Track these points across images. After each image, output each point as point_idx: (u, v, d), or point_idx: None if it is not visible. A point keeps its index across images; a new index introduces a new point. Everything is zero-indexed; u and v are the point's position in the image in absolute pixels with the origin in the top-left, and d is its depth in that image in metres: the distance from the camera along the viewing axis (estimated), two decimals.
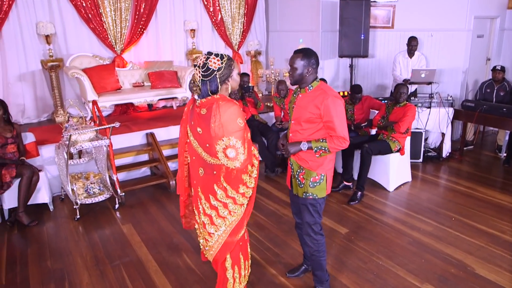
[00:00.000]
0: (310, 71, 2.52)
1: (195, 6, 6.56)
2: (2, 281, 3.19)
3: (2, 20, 5.24)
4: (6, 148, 4.14)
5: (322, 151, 2.55)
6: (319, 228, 2.76)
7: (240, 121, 2.22)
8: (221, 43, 6.91)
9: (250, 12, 6.88)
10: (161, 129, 5.28)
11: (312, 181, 2.64)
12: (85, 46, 5.83)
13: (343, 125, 2.52)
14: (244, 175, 2.34)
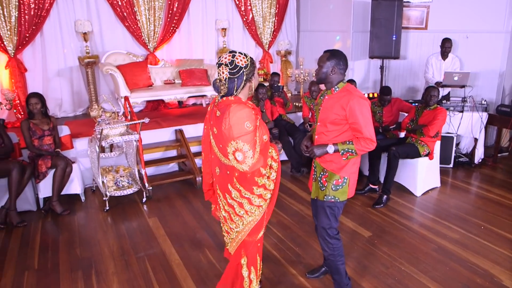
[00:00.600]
0: (335, 71, 2.51)
1: (227, 6, 6.65)
2: (35, 265, 3.37)
3: (43, 18, 5.51)
4: (43, 140, 4.36)
5: (349, 154, 2.53)
6: (335, 233, 2.74)
7: (248, 124, 2.18)
8: (252, 42, 6.97)
9: (281, 11, 6.89)
10: (189, 126, 5.39)
11: (335, 184, 2.62)
12: (120, 43, 6.04)
13: (369, 126, 2.49)
14: (260, 178, 2.35)
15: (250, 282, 2.62)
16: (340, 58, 2.53)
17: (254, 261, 2.59)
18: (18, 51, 5.46)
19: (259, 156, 2.26)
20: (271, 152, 2.38)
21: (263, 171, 2.35)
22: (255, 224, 2.45)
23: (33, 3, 5.37)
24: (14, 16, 5.30)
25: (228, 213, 2.46)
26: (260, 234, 2.53)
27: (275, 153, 2.41)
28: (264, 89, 5.11)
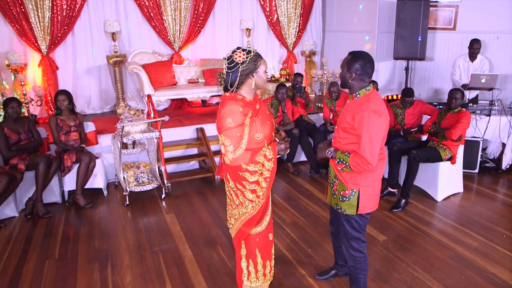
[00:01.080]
0: (354, 77, 2.34)
1: (252, 6, 6.69)
2: (56, 255, 3.53)
3: (75, 18, 5.75)
4: (69, 135, 4.55)
5: (343, 166, 2.37)
6: (359, 245, 2.58)
7: (229, 121, 2.28)
8: (276, 42, 6.98)
9: (306, 12, 6.86)
10: (211, 124, 5.46)
11: (342, 194, 2.49)
12: (146, 43, 6.21)
13: (371, 146, 2.26)
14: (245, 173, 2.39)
15: (248, 274, 2.71)
16: (360, 63, 2.32)
17: (252, 255, 2.67)
18: (51, 50, 5.72)
19: (244, 152, 2.34)
20: (264, 151, 2.39)
21: (250, 167, 2.38)
22: (250, 216, 2.53)
23: (65, 4, 5.61)
24: (48, 17, 5.56)
25: (228, 199, 2.59)
26: (257, 228, 2.60)
27: (269, 152, 2.39)
28: (284, 89, 5.11)
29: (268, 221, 2.65)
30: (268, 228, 2.66)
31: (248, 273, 2.70)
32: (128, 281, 3.14)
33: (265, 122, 2.41)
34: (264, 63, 2.41)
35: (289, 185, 4.94)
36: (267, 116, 2.47)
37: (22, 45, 5.63)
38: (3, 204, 4.12)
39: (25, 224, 4.11)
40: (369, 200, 2.47)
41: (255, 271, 2.70)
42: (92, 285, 3.10)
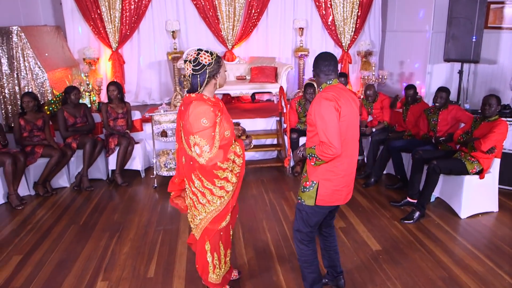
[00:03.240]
0: (317, 75, 2.52)
1: (306, 5, 6.70)
2: (80, 221, 4.13)
3: (140, 18, 6.46)
4: (117, 121, 5.19)
5: (315, 159, 2.43)
6: (304, 238, 2.66)
7: (204, 121, 2.34)
8: (330, 42, 6.88)
9: (364, 11, 6.62)
10: (248, 120, 5.70)
11: (304, 185, 2.56)
12: (202, 41, 6.66)
13: (326, 129, 2.33)
14: (220, 171, 2.49)
15: (214, 267, 2.80)
16: (317, 61, 2.52)
17: (217, 248, 2.76)
18: (119, 46, 6.52)
19: (218, 150, 2.41)
20: (234, 148, 2.50)
21: (223, 165, 2.48)
22: (217, 213, 2.62)
23: (133, 5, 6.34)
24: (118, 17, 6.34)
25: (192, 201, 2.66)
26: (222, 224, 2.68)
27: (239, 149, 2.52)
28: (312, 89, 5.10)
29: (229, 215, 2.73)
30: (228, 222, 2.76)
31: (213, 266, 2.80)
32: (124, 251, 3.56)
33: (228, 119, 2.53)
34: (224, 64, 2.54)
35: None
36: (227, 114, 2.59)
37: (97, 42, 6.53)
38: (57, 175, 4.93)
39: (71, 194, 4.85)
40: (328, 194, 2.52)
41: (219, 262, 2.82)
42: (96, 250, 3.58)
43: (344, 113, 2.38)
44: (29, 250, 3.60)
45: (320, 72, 2.50)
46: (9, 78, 5.34)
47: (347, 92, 2.52)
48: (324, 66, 2.48)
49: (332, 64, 2.49)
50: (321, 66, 2.48)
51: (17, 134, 4.74)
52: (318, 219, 2.63)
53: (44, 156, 4.75)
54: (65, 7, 6.31)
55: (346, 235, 3.74)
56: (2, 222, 4.19)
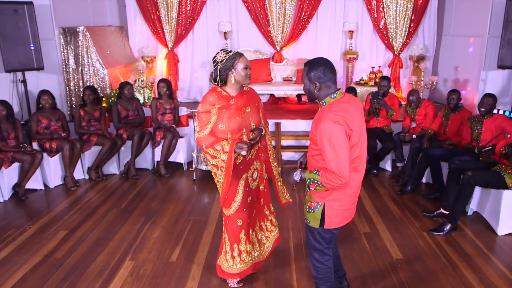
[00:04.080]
0: (318, 87, 2.20)
1: (357, 8, 6.61)
2: (122, 206, 4.51)
3: (195, 19, 6.81)
4: (165, 116, 5.54)
5: (316, 185, 2.24)
6: (321, 256, 2.48)
7: (200, 107, 2.72)
8: (381, 45, 6.71)
9: (418, 14, 6.37)
10: (289, 120, 5.79)
11: (309, 205, 2.39)
12: (252, 42, 6.87)
13: (335, 158, 2.11)
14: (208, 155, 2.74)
15: (225, 252, 2.98)
16: (321, 70, 2.18)
17: (231, 237, 2.92)
18: (175, 45, 6.92)
19: (207, 136, 2.68)
20: (224, 143, 2.63)
21: (209, 151, 2.71)
22: (222, 193, 2.78)
23: (189, 5, 6.70)
24: (174, 19, 6.74)
25: None
26: (228, 210, 2.85)
27: (227, 147, 2.62)
28: (352, 93, 5.06)
29: (236, 207, 2.84)
30: (236, 215, 2.87)
31: (225, 251, 2.99)
32: (154, 236, 3.84)
33: (233, 117, 2.67)
34: (243, 61, 2.66)
35: None
36: (239, 114, 2.70)
37: (155, 41, 6.99)
38: (109, 163, 5.40)
39: (118, 181, 5.29)
40: (336, 215, 2.33)
41: (225, 252, 2.98)
42: (130, 232, 3.91)
43: (355, 133, 2.17)
44: (74, 227, 4.02)
45: (328, 82, 2.19)
46: (75, 73, 5.93)
47: (351, 104, 2.25)
48: (331, 74, 2.21)
49: (333, 73, 2.24)
50: (329, 74, 2.19)
51: (77, 123, 5.27)
52: (332, 236, 2.45)
53: (98, 145, 5.23)
54: (128, 8, 6.85)
55: (368, 241, 3.70)
56: (56, 200, 4.70)
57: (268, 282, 3.14)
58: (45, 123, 5.00)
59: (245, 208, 2.88)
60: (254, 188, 2.96)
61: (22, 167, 4.70)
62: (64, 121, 5.20)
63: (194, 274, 3.22)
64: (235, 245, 2.97)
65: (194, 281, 3.14)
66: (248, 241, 2.99)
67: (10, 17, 4.93)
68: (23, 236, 3.84)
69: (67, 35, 5.78)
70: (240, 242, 2.98)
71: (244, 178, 2.84)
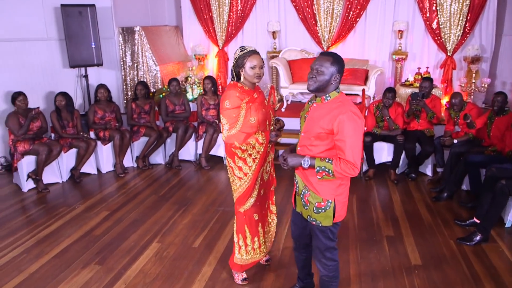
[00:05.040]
0: (337, 79, 2.26)
1: (408, 7, 6.36)
2: (161, 193, 4.85)
3: (245, 19, 7.03)
4: (208, 111, 5.83)
5: (325, 173, 2.24)
6: (332, 253, 2.50)
7: (227, 103, 2.70)
8: (433, 46, 6.38)
9: (475, 13, 5.95)
10: None
11: (317, 206, 2.37)
12: (299, 41, 6.91)
13: (355, 149, 2.19)
14: (238, 150, 2.75)
15: (239, 247, 3.08)
16: (343, 65, 2.28)
17: (242, 230, 3.04)
18: (225, 44, 7.21)
19: (238, 132, 2.70)
20: (257, 135, 2.72)
21: (242, 146, 2.74)
22: (239, 194, 2.91)
23: (240, 5, 6.93)
24: (225, 19, 7.02)
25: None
26: (243, 207, 2.95)
27: (262, 138, 2.73)
28: (391, 93, 4.95)
29: (252, 202, 2.93)
30: (252, 209, 2.96)
31: (239, 246, 3.08)
32: (183, 222, 4.12)
33: (260, 109, 2.77)
34: (251, 60, 2.69)
35: (379, 191, 4.83)
36: (263, 105, 2.83)
37: (206, 40, 7.33)
38: (155, 153, 5.82)
39: (162, 170, 5.67)
40: (342, 208, 2.41)
41: (245, 245, 3.07)
42: (162, 217, 4.22)
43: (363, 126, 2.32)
44: (115, 209, 4.43)
45: (341, 78, 2.26)
46: (131, 69, 6.44)
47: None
48: (342, 73, 2.27)
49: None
50: (341, 72, 2.25)
51: (129, 115, 5.75)
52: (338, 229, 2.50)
53: (146, 136, 5.65)
54: (183, 9, 7.26)
55: (389, 244, 3.65)
56: (105, 184, 5.19)
57: (279, 274, 3.25)
58: (100, 114, 5.52)
59: (259, 202, 2.98)
60: (266, 180, 3.02)
61: (78, 153, 5.25)
62: (118, 113, 5.70)
63: (211, 261, 3.43)
64: (256, 239, 3.07)
65: (210, 267, 3.34)
66: (264, 233, 3.12)
67: (75, 18, 5.51)
68: (71, 213, 4.33)
69: (125, 34, 6.29)
70: (259, 235, 3.08)
71: (261, 172, 2.90)
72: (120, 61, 6.38)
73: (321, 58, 2.26)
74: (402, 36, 6.39)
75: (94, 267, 3.33)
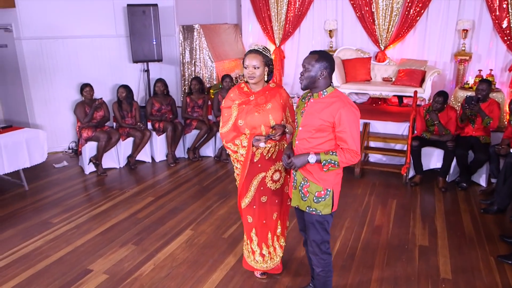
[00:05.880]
0: (324, 75, 2.37)
1: (475, 5, 5.88)
2: (204, 184, 5.10)
3: (302, 17, 7.04)
4: None
5: (331, 165, 2.37)
6: (327, 247, 2.61)
7: (223, 102, 2.87)
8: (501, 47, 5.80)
9: None
10: (378, 122, 5.62)
11: (317, 195, 2.49)
12: (356, 40, 6.76)
13: (355, 138, 2.37)
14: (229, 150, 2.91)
15: (247, 245, 3.13)
16: (330, 61, 2.39)
17: (248, 232, 3.06)
18: (282, 42, 7.28)
19: (229, 131, 2.81)
20: (242, 138, 2.79)
21: (230, 146, 2.87)
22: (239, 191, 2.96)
23: (298, 3, 6.95)
24: (283, 17, 7.09)
25: None
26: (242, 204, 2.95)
27: (245, 142, 2.77)
28: (441, 97, 4.68)
29: (247, 203, 2.94)
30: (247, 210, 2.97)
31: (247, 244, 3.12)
32: (219, 213, 4.31)
33: (251, 113, 2.72)
34: (246, 59, 2.70)
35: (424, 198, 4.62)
36: (257, 110, 2.73)
37: (264, 38, 7.46)
38: (205, 146, 6.10)
39: (211, 163, 5.94)
40: (337, 196, 2.57)
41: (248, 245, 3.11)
42: (200, 207, 4.45)
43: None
44: (160, 195, 4.76)
45: (330, 73, 2.40)
46: (189, 66, 6.79)
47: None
48: (334, 68, 2.43)
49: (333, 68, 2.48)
50: (332, 68, 2.40)
51: (183, 109, 6.08)
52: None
53: (197, 129, 5.95)
54: (243, 7, 7.47)
55: (421, 254, 3.51)
56: (157, 172, 5.57)
57: (299, 271, 3.29)
58: (157, 106, 5.92)
59: (255, 205, 2.92)
60: (274, 189, 2.92)
61: (134, 142, 5.69)
62: (173, 106, 6.07)
63: (237, 252, 3.57)
64: (248, 242, 3.09)
65: (234, 257, 3.48)
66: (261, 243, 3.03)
67: (139, 17, 5.95)
68: (121, 197, 4.74)
69: (185, 32, 6.64)
70: (252, 241, 3.04)
71: (261, 177, 2.86)
72: (179, 57, 6.75)
73: (308, 57, 2.41)
74: (467, 35, 5.97)
75: (130, 247, 3.65)
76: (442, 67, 6.17)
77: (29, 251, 3.58)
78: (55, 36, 5.93)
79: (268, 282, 3.15)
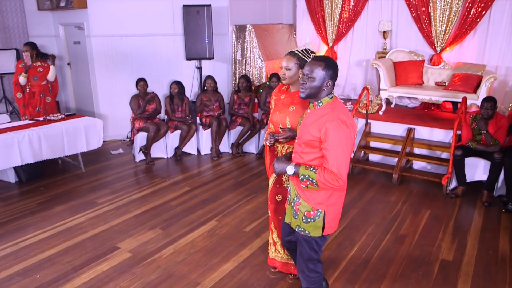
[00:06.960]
0: (329, 85, 2.19)
1: None
2: (240, 179, 5.29)
3: (356, 18, 6.91)
4: None
5: (309, 182, 2.17)
6: (316, 265, 2.47)
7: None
8: None
9: None
10: (424, 128, 5.38)
11: (306, 215, 2.31)
12: (411, 42, 6.49)
13: (340, 159, 2.10)
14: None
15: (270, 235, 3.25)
16: (335, 70, 2.20)
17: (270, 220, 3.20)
18: (335, 43, 7.21)
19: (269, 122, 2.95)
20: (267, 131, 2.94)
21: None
22: None
23: (352, 4, 6.84)
24: (337, 18, 7.01)
25: None
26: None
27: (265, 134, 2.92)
28: (490, 103, 4.35)
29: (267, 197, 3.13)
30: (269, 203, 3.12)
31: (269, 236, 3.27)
32: (246, 207, 4.46)
33: (275, 111, 2.86)
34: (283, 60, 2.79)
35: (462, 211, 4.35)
36: (280, 109, 2.81)
37: (317, 38, 7.44)
38: (249, 142, 6.32)
39: (252, 159, 6.12)
40: (333, 220, 2.35)
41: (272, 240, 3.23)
42: (230, 200, 4.64)
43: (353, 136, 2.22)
44: (196, 186, 5.05)
45: (333, 84, 2.21)
46: (240, 64, 7.02)
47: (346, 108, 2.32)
48: (335, 78, 2.21)
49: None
50: (335, 78, 2.21)
51: (230, 105, 6.33)
52: (325, 242, 2.48)
53: (241, 125, 6.16)
54: (298, 7, 7.52)
55: (441, 269, 3.35)
56: (199, 164, 5.89)
57: None
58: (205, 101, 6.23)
59: (271, 202, 3.07)
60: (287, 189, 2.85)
61: (181, 134, 6.05)
62: (222, 103, 6.33)
63: (253, 246, 3.70)
64: (270, 233, 3.21)
65: (249, 251, 3.62)
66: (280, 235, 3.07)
67: (193, 17, 6.29)
68: (161, 185, 5.10)
69: (238, 31, 6.87)
70: (273, 232, 3.17)
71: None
72: (232, 55, 7.01)
73: (312, 63, 2.18)
74: None
75: (157, 231, 3.95)
76: (504, 73, 5.70)
77: (72, 226, 4.05)
78: (120, 34, 6.50)
79: (274, 278, 3.24)
